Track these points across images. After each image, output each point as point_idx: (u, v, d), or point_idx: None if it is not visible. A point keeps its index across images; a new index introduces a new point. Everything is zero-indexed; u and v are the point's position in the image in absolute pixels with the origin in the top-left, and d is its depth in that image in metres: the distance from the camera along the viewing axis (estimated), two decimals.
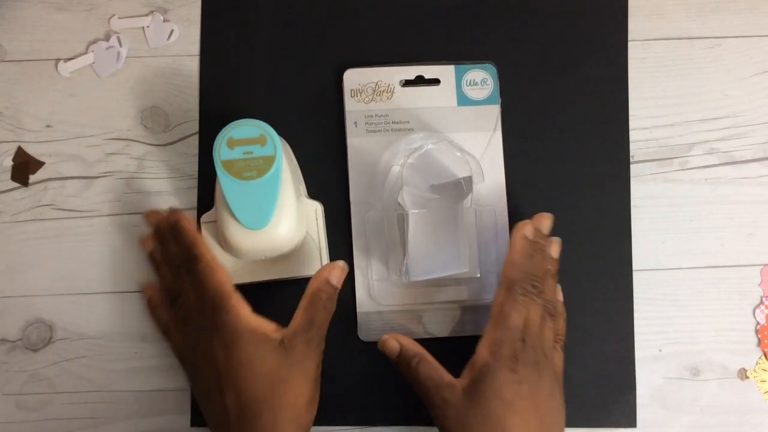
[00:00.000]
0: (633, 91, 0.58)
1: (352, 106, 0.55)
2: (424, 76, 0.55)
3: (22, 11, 0.60)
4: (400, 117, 0.55)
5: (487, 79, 0.55)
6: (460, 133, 0.55)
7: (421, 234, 0.51)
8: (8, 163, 0.58)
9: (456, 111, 0.55)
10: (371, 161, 0.54)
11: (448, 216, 0.51)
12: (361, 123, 0.54)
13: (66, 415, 0.56)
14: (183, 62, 0.59)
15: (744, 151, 0.58)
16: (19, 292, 0.57)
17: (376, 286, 0.54)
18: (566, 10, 0.59)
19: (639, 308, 0.57)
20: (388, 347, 0.49)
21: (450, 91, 0.55)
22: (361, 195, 0.54)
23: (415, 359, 0.48)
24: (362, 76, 0.55)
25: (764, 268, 0.57)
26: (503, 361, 0.46)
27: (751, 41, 0.59)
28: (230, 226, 0.52)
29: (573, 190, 0.57)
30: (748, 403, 0.56)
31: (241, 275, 0.55)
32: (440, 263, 0.51)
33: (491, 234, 0.54)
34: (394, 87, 0.55)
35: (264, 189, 0.51)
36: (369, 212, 0.54)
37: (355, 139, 0.55)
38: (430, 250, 0.51)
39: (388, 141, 0.54)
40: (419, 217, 0.51)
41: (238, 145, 0.51)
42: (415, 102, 0.55)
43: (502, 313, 0.47)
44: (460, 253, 0.51)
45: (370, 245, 0.54)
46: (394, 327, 0.54)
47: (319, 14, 0.59)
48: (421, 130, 0.54)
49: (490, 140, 0.55)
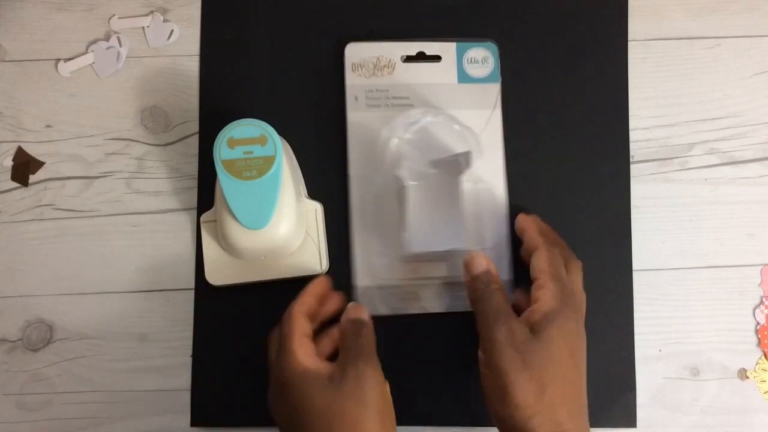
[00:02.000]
0: (633, 91, 0.58)
1: (353, 80, 0.55)
2: (426, 52, 0.56)
3: (22, 11, 0.60)
4: (400, 92, 0.55)
5: (488, 58, 0.56)
6: (459, 110, 0.55)
7: (421, 207, 0.51)
8: (8, 163, 0.58)
9: (456, 88, 0.55)
10: (371, 136, 0.54)
11: (448, 191, 0.51)
12: (362, 97, 0.55)
13: (66, 415, 0.56)
14: (183, 62, 0.59)
15: (744, 151, 0.58)
16: (19, 292, 0.57)
17: (375, 260, 0.53)
18: (566, 10, 0.59)
19: (639, 308, 0.57)
20: (474, 263, 0.48)
21: (451, 68, 0.55)
22: (361, 169, 0.54)
23: (493, 284, 0.47)
24: (364, 51, 0.55)
25: (764, 268, 0.57)
26: (570, 311, 0.46)
27: (751, 41, 0.59)
28: (230, 226, 0.52)
29: (573, 190, 0.57)
30: (748, 403, 0.56)
31: (241, 275, 0.55)
32: (439, 237, 0.51)
33: (489, 212, 0.54)
34: (395, 62, 0.55)
35: (264, 189, 0.51)
36: (368, 186, 0.54)
37: (356, 114, 0.55)
38: (429, 223, 0.51)
39: (389, 116, 0.54)
40: (418, 190, 0.51)
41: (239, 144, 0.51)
42: (416, 78, 0.55)
43: (555, 268, 0.48)
44: (459, 229, 0.51)
45: (369, 220, 0.54)
46: (392, 301, 0.53)
47: (319, 14, 0.59)
48: (421, 106, 0.55)
49: (489, 118, 0.55)
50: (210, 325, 0.56)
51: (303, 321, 0.48)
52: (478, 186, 0.54)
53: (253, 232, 0.51)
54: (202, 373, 0.56)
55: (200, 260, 0.56)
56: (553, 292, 0.46)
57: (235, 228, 0.51)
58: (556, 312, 0.45)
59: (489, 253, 0.51)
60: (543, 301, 0.46)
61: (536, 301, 0.47)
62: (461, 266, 0.49)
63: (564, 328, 0.45)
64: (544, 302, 0.46)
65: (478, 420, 0.55)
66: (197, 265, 0.57)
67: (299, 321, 0.48)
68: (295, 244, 0.54)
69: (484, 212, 0.54)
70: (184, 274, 0.57)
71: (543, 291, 0.47)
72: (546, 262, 0.48)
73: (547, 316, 0.45)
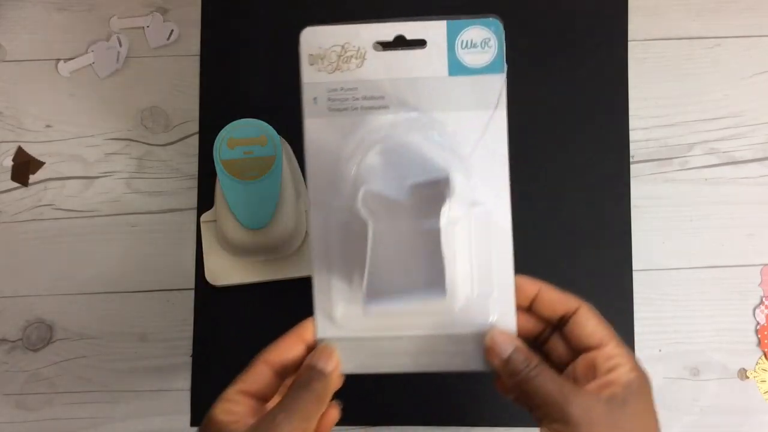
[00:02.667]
0: (633, 91, 0.58)
1: (312, 77, 0.42)
2: (405, 36, 0.42)
3: (22, 11, 0.60)
4: (372, 91, 0.42)
5: (490, 39, 0.42)
6: (450, 111, 0.42)
7: (385, 250, 0.40)
8: (8, 163, 0.58)
9: (447, 82, 0.42)
10: (333, 150, 0.42)
11: (423, 226, 0.40)
12: (323, 99, 0.42)
13: (66, 415, 0.56)
14: (183, 62, 0.59)
15: (744, 151, 0.58)
16: (19, 292, 0.57)
17: (340, 307, 0.42)
18: (566, 10, 0.59)
19: (639, 308, 0.57)
20: (499, 346, 0.41)
21: (439, 56, 0.42)
22: (321, 193, 0.42)
23: (532, 360, 0.40)
24: (325, 37, 0.42)
25: (764, 268, 0.57)
26: (649, 383, 0.41)
27: (751, 41, 0.59)
28: (230, 226, 0.52)
29: (573, 190, 0.57)
30: (748, 403, 0.56)
31: (241, 275, 0.55)
32: (410, 288, 0.41)
33: (485, 243, 0.42)
34: (366, 51, 0.42)
35: (264, 189, 0.51)
36: (330, 216, 0.42)
37: (315, 121, 0.42)
38: (397, 273, 0.41)
39: (356, 123, 0.42)
40: (383, 229, 0.40)
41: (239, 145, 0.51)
42: (393, 71, 0.42)
43: (612, 330, 0.43)
44: (439, 275, 0.40)
45: (333, 258, 0.42)
46: (358, 358, 0.43)
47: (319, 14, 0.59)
48: (399, 109, 0.42)
49: (490, 120, 0.42)
50: (210, 325, 0.56)
51: (259, 372, 0.40)
52: (473, 210, 0.42)
53: (253, 232, 0.51)
54: (202, 373, 0.56)
55: (200, 260, 0.56)
56: (631, 363, 0.41)
57: (235, 228, 0.51)
58: (639, 384, 0.40)
59: (491, 300, 0.42)
60: (621, 372, 0.41)
61: (610, 371, 0.41)
62: (484, 352, 0.41)
63: (648, 400, 0.41)
64: (623, 373, 0.41)
65: (478, 420, 0.55)
66: (197, 265, 0.57)
67: (254, 371, 0.40)
68: (295, 244, 0.54)
69: (481, 246, 0.42)
70: (184, 274, 0.57)
71: (616, 360, 0.41)
72: (602, 325, 0.42)
73: (630, 388, 0.40)
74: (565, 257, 0.57)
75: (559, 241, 0.57)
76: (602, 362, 0.41)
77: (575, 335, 0.42)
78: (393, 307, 0.41)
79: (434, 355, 0.43)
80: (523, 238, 0.57)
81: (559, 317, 0.43)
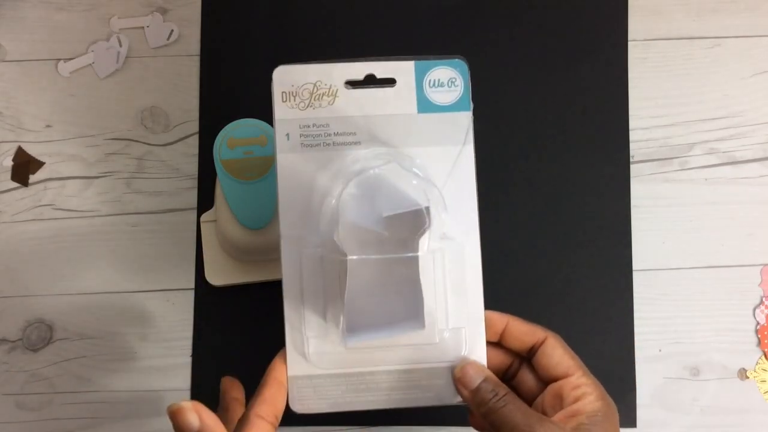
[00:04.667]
0: (633, 91, 0.58)
1: (284, 113, 0.43)
2: (375, 74, 0.44)
3: (22, 11, 0.60)
4: (343, 127, 0.43)
5: (456, 79, 0.44)
6: (420, 147, 0.43)
7: (364, 283, 0.41)
8: (8, 163, 0.58)
9: (416, 119, 0.44)
10: (306, 185, 0.43)
11: (401, 259, 0.41)
12: (295, 135, 0.43)
13: (66, 415, 0.56)
14: (183, 62, 0.59)
15: (744, 151, 0.58)
16: (19, 292, 0.57)
17: (312, 344, 0.43)
18: (566, 10, 0.59)
19: (639, 308, 0.57)
20: (468, 376, 0.41)
21: (408, 94, 0.44)
22: (294, 228, 0.43)
23: (501, 390, 0.40)
24: (297, 75, 0.43)
25: (764, 268, 0.57)
26: (615, 413, 0.41)
27: (751, 41, 0.59)
28: (230, 226, 0.52)
29: (573, 190, 0.57)
30: (748, 403, 0.56)
31: (241, 275, 0.55)
32: (389, 321, 0.41)
33: (458, 278, 0.43)
34: (338, 89, 0.43)
35: (264, 189, 0.51)
36: (303, 250, 0.42)
37: (287, 156, 0.43)
38: (375, 306, 0.41)
39: (328, 158, 0.43)
40: (361, 263, 0.41)
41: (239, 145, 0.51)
42: (364, 108, 0.43)
43: (578, 360, 0.43)
44: (417, 307, 0.40)
45: (305, 292, 0.43)
46: (331, 395, 0.43)
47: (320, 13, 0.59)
48: (370, 145, 0.43)
49: (458, 156, 0.44)
50: (210, 325, 0.56)
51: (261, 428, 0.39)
52: (443, 245, 0.43)
53: (253, 232, 0.51)
54: (202, 373, 0.56)
55: (200, 260, 0.56)
56: (597, 392, 0.41)
57: (235, 228, 0.52)
58: (604, 413, 0.41)
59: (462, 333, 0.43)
60: (586, 401, 0.41)
61: (576, 401, 0.41)
62: (453, 382, 0.42)
63: (615, 430, 0.41)
64: (588, 402, 0.41)
65: None
66: (197, 265, 0.57)
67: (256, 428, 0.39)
68: None
69: (453, 279, 0.43)
70: (184, 274, 0.57)
71: (582, 389, 0.41)
72: (568, 355, 0.43)
73: (596, 417, 0.40)
74: (565, 257, 0.57)
75: (559, 241, 0.57)
76: (568, 392, 0.41)
77: (542, 365, 0.42)
78: (372, 340, 0.41)
79: (408, 390, 0.43)
80: (523, 238, 0.58)
81: (528, 348, 0.43)
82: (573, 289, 0.56)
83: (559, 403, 0.42)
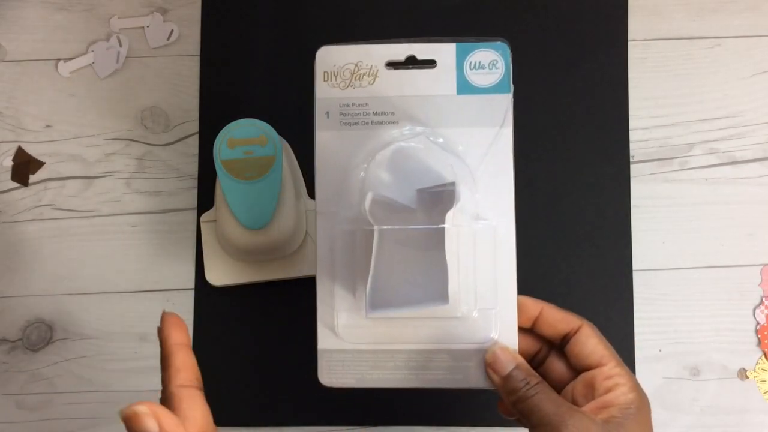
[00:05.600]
0: (633, 91, 0.58)
1: (325, 93, 0.44)
2: (417, 56, 0.44)
3: (22, 11, 0.60)
4: (382, 107, 0.44)
5: (498, 61, 0.44)
6: (457, 127, 0.44)
7: (390, 255, 0.41)
8: (8, 163, 0.58)
9: (454, 101, 0.44)
10: (343, 163, 0.44)
11: (428, 233, 0.41)
12: (335, 113, 0.44)
13: (66, 415, 0.56)
14: (183, 62, 0.59)
15: (744, 151, 0.58)
16: (19, 292, 0.57)
17: (342, 318, 0.43)
18: (566, 10, 0.59)
19: (639, 308, 0.57)
20: (500, 362, 0.41)
21: (448, 76, 0.44)
22: (329, 204, 0.43)
23: (532, 378, 0.40)
24: (339, 56, 0.44)
25: (764, 268, 0.57)
26: (648, 406, 0.41)
27: (751, 41, 0.59)
28: (230, 226, 0.52)
29: (573, 190, 0.57)
30: (748, 403, 0.56)
31: (241, 275, 0.55)
32: (413, 294, 0.41)
33: (489, 259, 0.43)
34: (378, 69, 0.44)
35: (264, 189, 0.51)
36: (336, 226, 0.43)
37: (326, 134, 0.44)
38: (401, 277, 0.41)
39: (366, 136, 0.44)
40: (388, 234, 0.41)
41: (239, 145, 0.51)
42: (404, 89, 0.44)
43: (613, 350, 0.42)
44: (442, 281, 0.40)
45: (337, 268, 0.43)
46: (360, 370, 0.43)
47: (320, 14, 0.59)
48: (408, 124, 0.44)
49: (496, 137, 0.44)
50: (210, 325, 0.56)
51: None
52: (477, 225, 0.43)
53: (253, 232, 0.51)
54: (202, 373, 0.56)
55: (200, 260, 0.56)
56: (630, 383, 0.41)
57: (235, 228, 0.52)
58: (637, 406, 0.40)
59: (492, 316, 0.42)
60: (619, 393, 0.40)
61: (608, 392, 0.40)
62: (484, 366, 0.41)
63: (645, 423, 0.40)
64: (621, 394, 0.40)
65: (479, 420, 0.55)
66: (197, 265, 0.57)
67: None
68: (294, 245, 0.54)
69: (484, 261, 0.43)
70: (184, 274, 0.57)
71: (614, 380, 0.41)
72: (602, 345, 0.42)
73: (628, 410, 0.40)
74: (565, 257, 0.57)
75: (559, 242, 0.57)
76: (601, 382, 0.41)
77: (575, 354, 0.42)
78: (394, 311, 0.42)
79: (435, 371, 0.43)
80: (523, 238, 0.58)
81: (562, 336, 0.43)
82: (573, 289, 0.56)
83: (591, 392, 0.41)
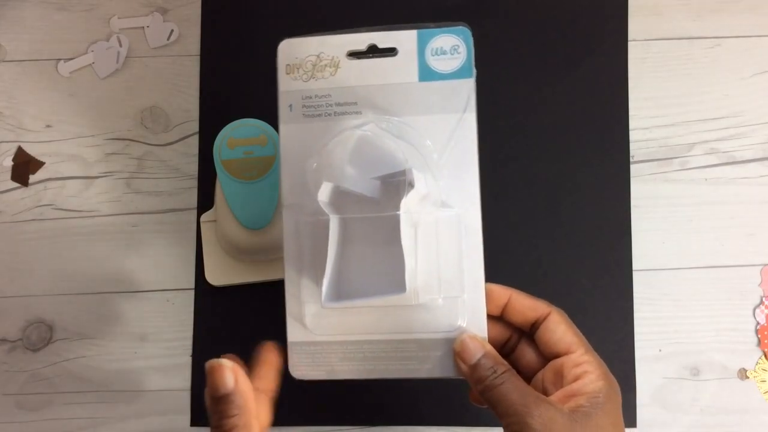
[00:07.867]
0: (633, 91, 0.58)
1: (288, 86, 0.44)
2: (378, 45, 0.44)
3: (22, 11, 0.60)
4: (345, 97, 0.43)
5: (459, 46, 0.43)
6: (419, 115, 0.43)
7: (347, 245, 0.41)
8: (8, 163, 0.58)
9: (417, 88, 0.43)
10: (305, 153, 0.43)
11: (384, 221, 0.40)
12: (297, 106, 0.44)
13: (66, 415, 0.56)
14: (183, 62, 0.59)
15: (744, 151, 0.58)
16: (19, 292, 0.57)
17: (310, 310, 0.43)
18: (566, 10, 0.59)
19: (639, 308, 0.57)
20: (468, 350, 0.40)
21: (410, 63, 0.43)
22: (294, 196, 0.43)
23: (500, 367, 0.39)
24: (301, 48, 0.44)
25: (764, 268, 0.57)
26: (617, 394, 0.40)
27: (751, 41, 0.59)
28: (230, 226, 0.52)
29: (573, 190, 0.57)
30: (748, 403, 0.56)
31: (241, 275, 0.55)
32: (370, 283, 0.41)
33: (454, 247, 0.42)
34: (340, 60, 0.43)
35: (264, 189, 0.51)
36: (302, 217, 0.43)
37: (290, 127, 0.43)
38: (357, 266, 0.41)
39: (328, 128, 0.43)
40: (344, 223, 0.41)
41: (239, 145, 0.51)
42: (365, 78, 0.43)
43: (582, 337, 0.41)
44: (399, 270, 0.40)
45: (304, 259, 0.43)
46: (330, 362, 0.43)
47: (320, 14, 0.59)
48: (370, 114, 0.43)
49: (458, 123, 0.43)
50: (210, 325, 0.56)
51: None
52: (439, 213, 0.42)
53: (253, 232, 0.51)
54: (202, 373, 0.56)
55: (200, 260, 0.56)
56: (599, 371, 0.40)
57: (235, 228, 0.52)
58: (605, 394, 0.39)
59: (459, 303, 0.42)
60: (587, 381, 0.39)
61: (576, 380, 0.40)
62: (452, 356, 0.41)
63: (613, 413, 0.39)
64: (589, 382, 0.39)
65: (478, 420, 0.55)
66: (197, 265, 0.57)
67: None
68: None
69: (448, 248, 0.42)
70: (184, 274, 0.57)
71: (583, 367, 0.40)
72: (571, 331, 0.41)
73: (596, 399, 0.38)
74: (565, 257, 0.57)
75: (559, 241, 0.57)
76: (569, 369, 0.40)
77: (544, 341, 0.41)
78: (351, 301, 0.41)
79: (404, 361, 0.42)
80: (523, 238, 0.58)
81: (530, 323, 0.42)
82: (573, 289, 0.56)
83: (560, 380, 0.40)
